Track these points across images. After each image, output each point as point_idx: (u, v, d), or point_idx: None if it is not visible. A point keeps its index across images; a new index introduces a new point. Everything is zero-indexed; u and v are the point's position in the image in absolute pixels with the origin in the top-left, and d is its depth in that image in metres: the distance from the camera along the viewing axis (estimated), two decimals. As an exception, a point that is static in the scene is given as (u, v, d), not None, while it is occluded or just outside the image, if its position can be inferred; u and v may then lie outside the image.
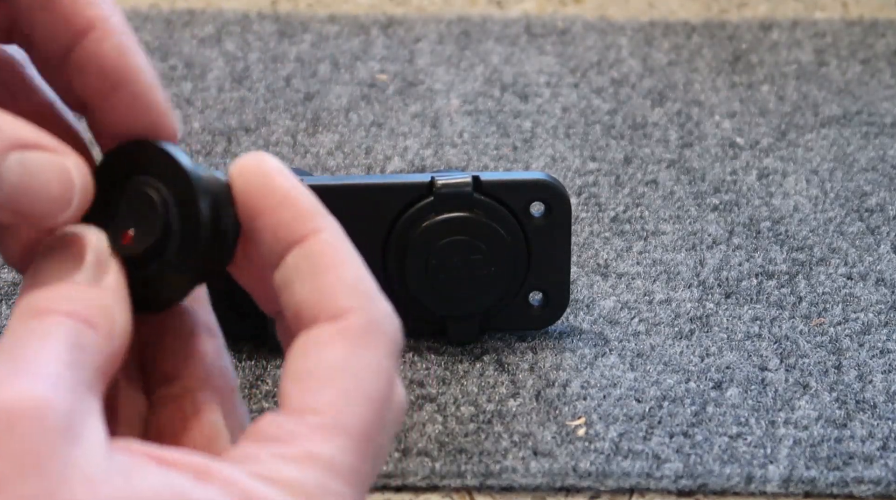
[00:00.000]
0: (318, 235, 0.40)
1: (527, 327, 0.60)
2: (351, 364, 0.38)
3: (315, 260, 0.39)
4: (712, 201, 0.69)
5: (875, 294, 0.63)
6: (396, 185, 0.58)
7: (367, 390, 0.38)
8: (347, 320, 0.39)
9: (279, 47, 0.81)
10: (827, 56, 0.81)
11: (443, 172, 0.58)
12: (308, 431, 0.37)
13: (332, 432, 0.37)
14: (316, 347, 0.38)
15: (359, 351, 0.38)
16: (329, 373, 0.38)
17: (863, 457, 0.55)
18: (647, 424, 0.56)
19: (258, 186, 0.40)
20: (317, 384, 0.38)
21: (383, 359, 0.39)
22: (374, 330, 0.39)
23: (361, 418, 0.38)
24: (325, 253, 0.39)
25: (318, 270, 0.39)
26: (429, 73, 0.79)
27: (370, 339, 0.39)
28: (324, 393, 0.38)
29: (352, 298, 0.39)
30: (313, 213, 0.40)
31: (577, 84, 0.78)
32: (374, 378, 0.38)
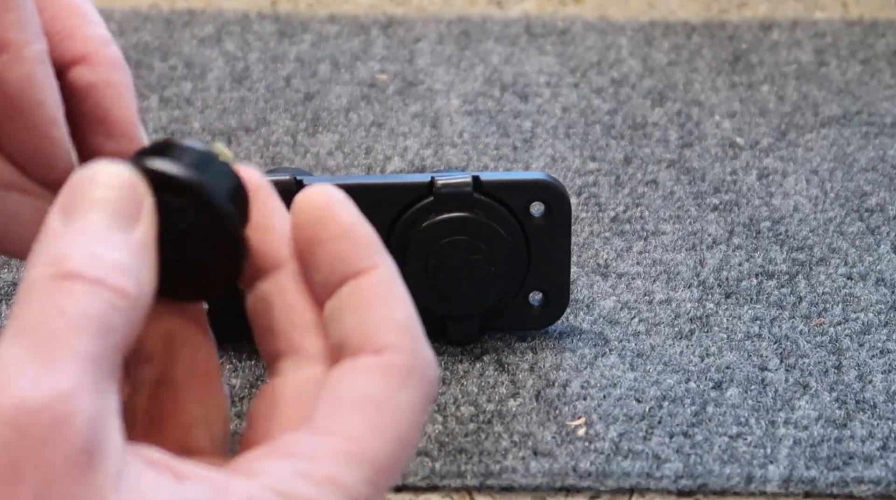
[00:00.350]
0: (375, 271, 0.40)
1: (527, 327, 0.60)
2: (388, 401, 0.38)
3: (367, 294, 0.39)
4: (712, 201, 0.69)
5: (875, 294, 0.63)
6: (396, 185, 0.58)
7: (400, 430, 0.38)
8: (392, 357, 0.39)
9: (279, 47, 0.81)
10: (827, 56, 0.81)
11: (443, 172, 0.58)
12: (332, 454, 0.37)
13: (357, 461, 0.37)
14: (355, 375, 0.38)
15: (398, 389, 0.38)
16: (364, 404, 0.38)
17: (863, 457, 0.55)
18: (647, 424, 0.56)
19: (321, 217, 0.40)
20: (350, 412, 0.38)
21: (419, 402, 0.39)
22: (416, 373, 0.39)
23: (388, 454, 0.38)
24: (379, 288, 0.40)
25: (369, 303, 0.39)
26: (429, 73, 0.79)
27: (412, 380, 0.39)
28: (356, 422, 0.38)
29: (400, 336, 0.39)
30: (372, 248, 0.40)
31: (577, 84, 0.78)
32: (408, 419, 0.38)
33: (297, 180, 0.57)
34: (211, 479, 0.36)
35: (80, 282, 0.36)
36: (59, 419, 0.34)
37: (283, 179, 0.57)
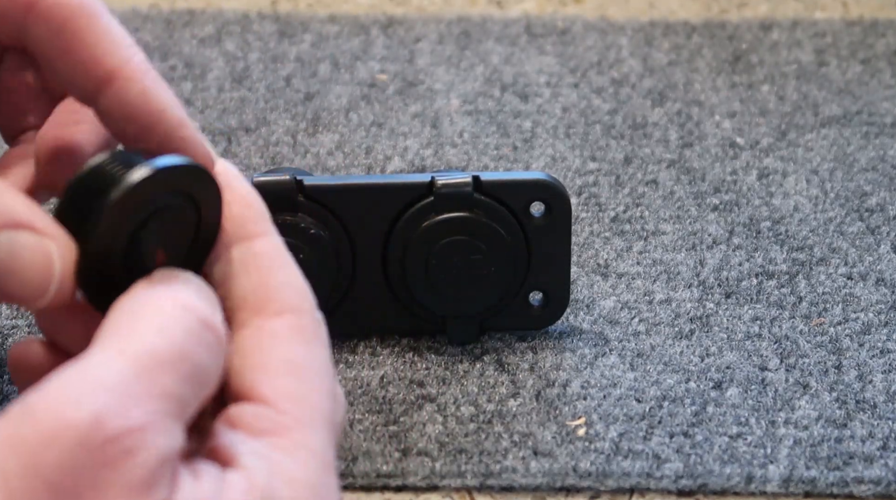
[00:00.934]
0: (268, 237, 0.42)
1: (527, 327, 0.60)
2: (310, 360, 0.41)
3: (264, 259, 0.42)
4: (712, 201, 0.69)
5: (875, 294, 0.63)
6: (396, 185, 0.58)
7: (327, 385, 0.41)
8: (301, 319, 0.41)
9: (279, 47, 0.81)
10: (827, 56, 0.81)
11: (443, 172, 0.58)
12: (294, 423, 0.39)
13: (313, 422, 0.39)
14: (274, 339, 0.41)
15: (314, 349, 0.41)
16: (293, 366, 0.40)
17: (863, 457, 0.55)
18: (648, 424, 0.56)
19: (222, 184, 0.42)
20: (285, 375, 0.40)
21: (328, 355, 0.41)
22: (321, 331, 0.41)
23: (329, 409, 0.40)
24: (274, 254, 0.42)
25: (267, 268, 0.41)
26: (429, 73, 0.79)
27: (320, 338, 0.41)
28: (294, 384, 0.40)
29: (303, 299, 0.41)
30: (264, 218, 0.43)
31: (577, 84, 0.78)
32: (328, 374, 0.41)
33: (296, 180, 0.57)
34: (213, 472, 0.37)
35: (190, 312, 0.38)
36: (130, 450, 0.35)
37: (282, 178, 0.57)
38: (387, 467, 0.54)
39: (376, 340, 0.60)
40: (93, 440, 0.34)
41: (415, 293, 0.58)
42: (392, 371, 0.58)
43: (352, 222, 0.58)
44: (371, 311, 0.59)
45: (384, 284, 0.59)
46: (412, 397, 0.57)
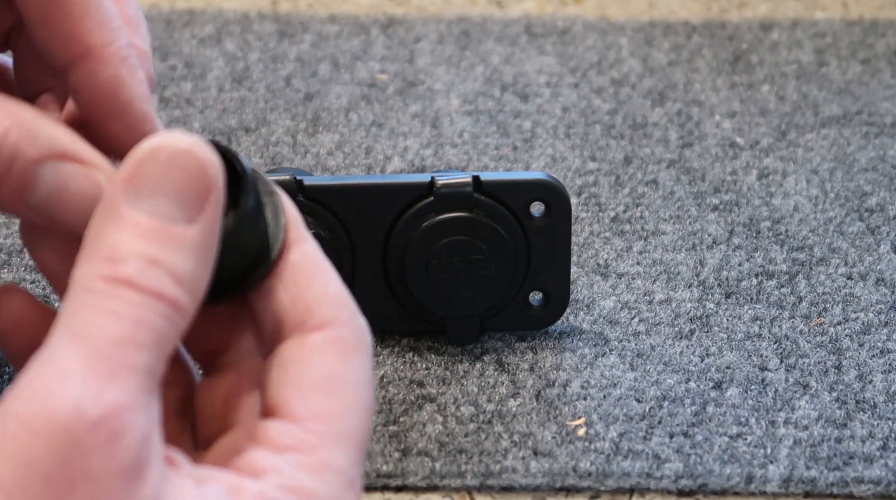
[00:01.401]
0: (301, 246, 0.41)
1: (527, 327, 0.60)
2: (347, 375, 0.39)
3: (300, 270, 0.40)
4: (712, 201, 0.69)
5: (875, 294, 0.63)
6: (396, 185, 0.58)
7: (362, 400, 0.39)
8: (339, 332, 0.40)
9: (279, 47, 0.81)
10: (827, 56, 0.81)
11: (443, 172, 0.58)
12: (318, 440, 0.38)
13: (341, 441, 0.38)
14: (309, 355, 0.39)
15: (352, 362, 0.40)
16: (330, 383, 0.39)
17: (863, 457, 0.55)
18: (648, 424, 0.56)
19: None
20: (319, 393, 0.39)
21: (368, 369, 0.40)
22: (362, 343, 0.40)
23: (362, 427, 0.39)
24: (309, 264, 0.40)
25: (303, 280, 0.40)
26: (429, 73, 0.79)
27: (360, 350, 0.40)
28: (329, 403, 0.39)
29: (341, 310, 0.40)
30: (298, 224, 0.41)
31: (577, 84, 0.78)
32: (366, 388, 0.40)
33: (297, 180, 0.57)
34: (224, 481, 0.37)
35: (136, 291, 0.36)
36: (115, 433, 0.34)
37: (283, 178, 0.57)
38: (387, 467, 0.54)
39: (376, 340, 0.60)
40: (76, 430, 0.34)
41: (415, 293, 0.58)
42: (392, 371, 0.58)
43: (352, 222, 0.58)
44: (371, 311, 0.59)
45: (384, 284, 0.59)
46: (412, 397, 0.57)
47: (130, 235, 0.36)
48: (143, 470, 0.35)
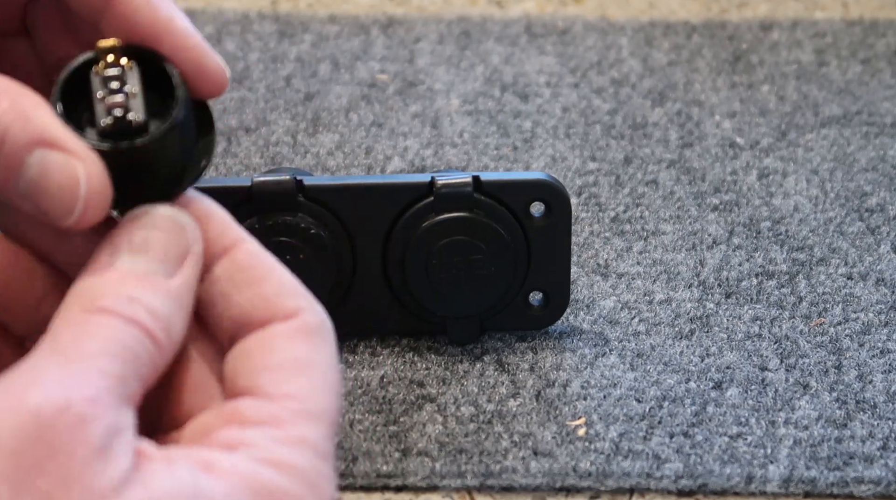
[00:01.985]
0: (244, 245, 0.42)
1: (527, 327, 0.60)
2: (315, 358, 0.41)
3: (250, 270, 0.42)
4: (712, 201, 0.69)
5: (875, 294, 0.63)
6: (396, 185, 0.58)
7: (331, 381, 0.41)
8: (303, 319, 0.41)
9: (279, 47, 0.81)
10: (827, 56, 0.81)
11: (443, 172, 0.58)
12: (292, 416, 0.39)
13: (314, 418, 0.39)
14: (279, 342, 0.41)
15: (318, 346, 0.41)
16: (298, 365, 0.40)
17: (863, 457, 0.55)
18: (648, 424, 0.56)
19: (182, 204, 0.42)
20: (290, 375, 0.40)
21: (334, 353, 0.41)
22: (324, 327, 0.41)
23: (332, 405, 0.40)
24: (257, 262, 0.42)
25: (256, 278, 0.41)
26: (429, 73, 0.79)
27: (324, 335, 0.41)
28: (298, 383, 0.40)
29: (300, 299, 0.41)
30: (231, 225, 0.42)
31: (577, 84, 0.78)
32: (333, 370, 0.41)
33: (296, 180, 0.57)
34: (196, 457, 0.38)
35: (114, 317, 0.38)
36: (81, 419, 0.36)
37: (283, 178, 0.57)
38: (387, 467, 0.54)
39: (376, 340, 0.60)
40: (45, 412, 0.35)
41: (415, 293, 0.58)
42: (392, 371, 0.58)
43: (352, 222, 0.58)
44: (371, 311, 0.59)
45: (384, 284, 0.59)
46: (412, 397, 0.57)
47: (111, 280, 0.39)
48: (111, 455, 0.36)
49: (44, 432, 0.35)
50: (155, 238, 0.40)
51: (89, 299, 0.39)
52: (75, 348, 0.37)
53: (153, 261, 0.40)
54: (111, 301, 0.39)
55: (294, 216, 0.57)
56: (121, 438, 0.37)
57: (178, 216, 0.41)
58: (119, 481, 0.36)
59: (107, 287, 0.39)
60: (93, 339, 0.38)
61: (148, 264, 0.40)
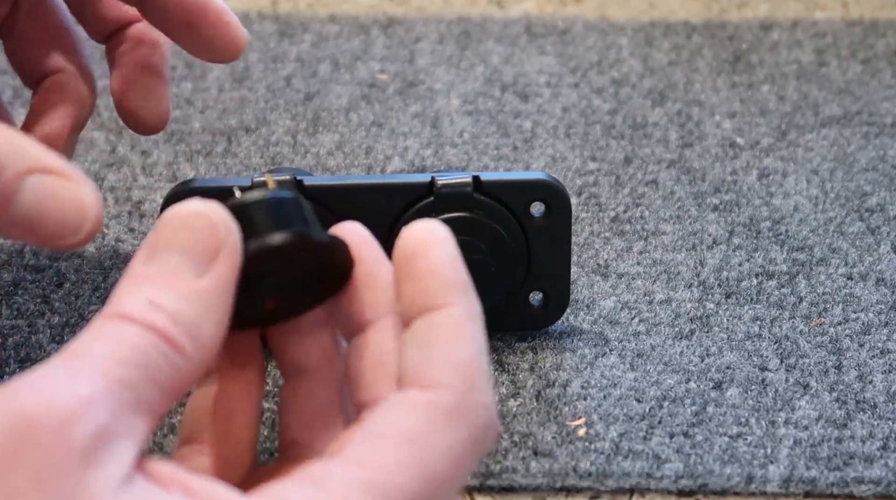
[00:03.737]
0: (449, 309, 0.39)
1: (527, 328, 0.60)
2: (425, 437, 0.37)
3: (434, 331, 0.39)
4: (712, 201, 0.69)
5: (875, 294, 0.63)
6: (397, 185, 0.58)
7: (432, 469, 0.37)
8: (440, 395, 0.38)
9: (279, 47, 0.80)
10: (827, 56, 0.81)
11: (443, 172, 0.58)
12: (349, 483, 0.36)
13: (374, 492, 0.36)
14: (397, 409, 0.38)
15: (439, 428, 0.38)
16: (399, 437, 0.37)
17: (863, 457, 0.54)
18: (648, 424, 0.56)
19: (415, 252, 0.41)
20: (381, 443, 0.37)
21: (462, 445, 0.38)
22: (465, 414, 0.38)
23: (413, 491, 0.37)
24: (446, 326, 0.39)
25: (433, 340, 0.39)
26: (429, 73, 0.79)
27: (458, 421, 0.38)
28: (384, 454, 0.37)
29: (454, 375, 0.38)
30: (454, 287, 0.40)
31: (577, 84, 0.78)
32: (445, 460, 0.37)
33: (297, 180, 0.57)
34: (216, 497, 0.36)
35: (131, 323, 0.37)
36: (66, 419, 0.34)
37: (283, 178, 0.57)
38: (387, 467, 0.54)
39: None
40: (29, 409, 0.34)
41: None
42: (392, 371, 0.58)
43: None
44: None
45: None
46: (412, 398, 0.57)
47: (132, 284, 0.38)
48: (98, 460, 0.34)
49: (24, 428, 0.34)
50: (183, 236, 0.38)
51: (112, 306, 0.37)
52: (84, 350, 0.36)
53: (181, 259, 0.38)
54: (130, 306, 0.37)
55: None
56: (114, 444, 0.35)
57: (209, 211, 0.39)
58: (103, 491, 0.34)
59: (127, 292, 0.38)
60: (103, 342, 0.36)
61: (175, 263, 0.38)
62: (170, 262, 0.38)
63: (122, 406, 0.35)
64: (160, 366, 0.37)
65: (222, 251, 0.38)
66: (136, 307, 0.37)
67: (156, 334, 0.37)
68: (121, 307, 0.37)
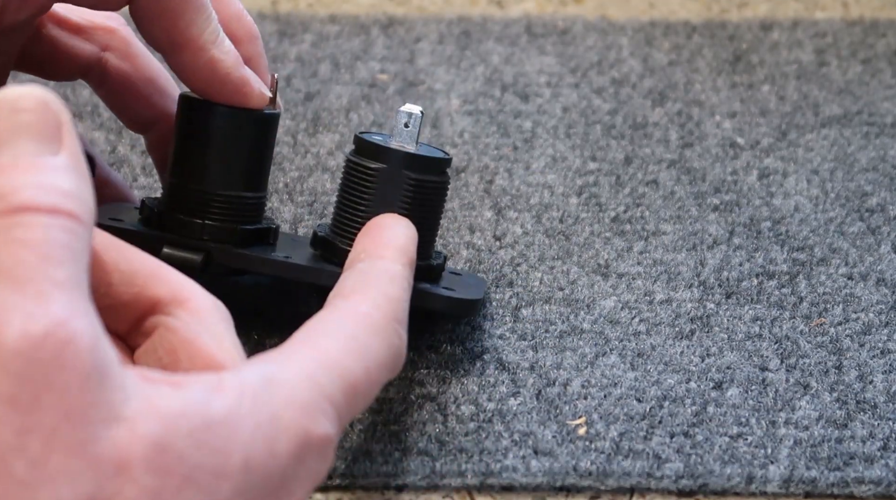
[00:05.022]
0: (389, 262, 0.51)
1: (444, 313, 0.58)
2: (361, 338, 0.45)
3: (374, 270, 0.51)
4: (713, 201, 0.69)
5: (876, 294, 0.63)
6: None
7: (367, 363, 0.44)
8: (372, 310, 0.46)
9: (279, 47, 0.80)
10: (827, 56, 0.81)
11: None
12: (308, 359, 0.42)
13: (331, 369, 0.42)
14: (334, 314, 0.46)
15: (370, 335, 0.45)
16: (339, 333, 0.44)
17: (863, 457, 0.54)
18: (648, 423, 0.56)
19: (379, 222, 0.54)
20: (325, 337, 0.44)
21: (384, 356, 0.46)
22: (389, 333, 0.47)
23: (360, 375, 0.43)
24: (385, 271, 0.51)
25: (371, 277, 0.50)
26: (429, 73, 0.79)
27: (383, 335, 0.46)
28: (330, 343, 0.43)
29: (384, 302, 0.48)
30: (398, 250, 0.53)
31: (577, 84, 0.78)
32: (377, 360, 0.45)
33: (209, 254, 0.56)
34: (204, 379, 0.38)
35: (36, 214, 0.36)
36: (64, 343, 0.35)
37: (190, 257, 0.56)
38: (387, 466, 0.54)
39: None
40: (25, 349, 0.34)
41: None
42: (392, 371, 0.58)
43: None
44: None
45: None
46: (412, 397, 0.57)
47: (9, 175, 0.37)
48: (104, 375, 0.35)
49: (31, 369, 0.34)
50: (22, 121, 0.38)
51: (5, 200, 0.36)
52: (15, 263, 0.35)
53: (32, 143, 0.38)
54: (26, 194, 0.36)
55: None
56: (103, 350, 0.36)
57: (35, 91, 0.38)
58: (121, 402, 0.35)
59: (8, 182, 0.37)
60: (28, 247, 0.36)
61: (29, 148, 0.38)
62: (23, 148, 0.38)
63: (85, 306, 0.36)
64: (77, 250, 0.37)
65: (63, 125, 0.39)
66: (30, 194, 0.36)
67: (63, 217, 0.37)
68: (15, 199, 0.36)
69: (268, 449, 0.38)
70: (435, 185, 0.55)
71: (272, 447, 0.38)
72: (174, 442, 0.36)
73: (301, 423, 0.39)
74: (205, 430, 0.37)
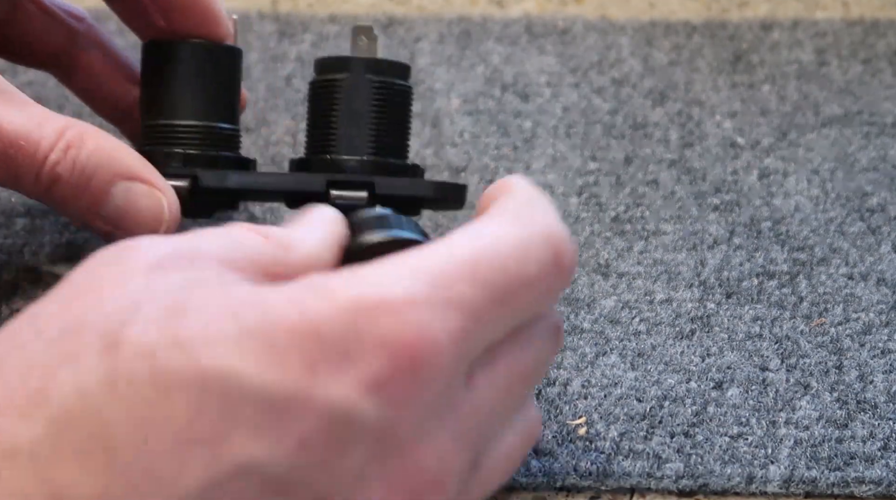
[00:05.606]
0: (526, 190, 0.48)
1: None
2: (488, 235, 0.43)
3: (514, 197, 0.48)
4: (713, 201, 0.69)
5: (876, 294, 0.63)
6: (293, 191, 0.57)
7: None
8: (508, 210, 0.46)
9: (279, 47, 0.80)
10: (828, 56, 0.81)
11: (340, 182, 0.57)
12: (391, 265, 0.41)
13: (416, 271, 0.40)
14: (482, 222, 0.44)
15: (506, 223, 0.44)
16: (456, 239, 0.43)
17: (864, 457, 0.54)
18: (648, 423, 0.56)
19: (508, 183, 0.49)
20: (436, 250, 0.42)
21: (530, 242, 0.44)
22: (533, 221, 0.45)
23: (456, 270, 0.41)
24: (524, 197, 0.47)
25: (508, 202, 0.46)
26: (429, 73, 0.78)
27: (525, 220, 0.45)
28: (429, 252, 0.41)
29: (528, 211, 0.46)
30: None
31: (577, 84, 0.78)
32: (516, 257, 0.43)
33: (194, 178, 0.57)
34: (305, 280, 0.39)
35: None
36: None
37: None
38: (387, 466, 0.54)
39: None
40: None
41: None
42: (392, 371, 0.58)
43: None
44: None
45: None
46: (412, 397, 0.57)
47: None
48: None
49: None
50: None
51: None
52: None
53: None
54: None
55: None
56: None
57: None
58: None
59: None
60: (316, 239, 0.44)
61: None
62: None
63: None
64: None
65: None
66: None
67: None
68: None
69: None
70: (402, 88, 0.58)
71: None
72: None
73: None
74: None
